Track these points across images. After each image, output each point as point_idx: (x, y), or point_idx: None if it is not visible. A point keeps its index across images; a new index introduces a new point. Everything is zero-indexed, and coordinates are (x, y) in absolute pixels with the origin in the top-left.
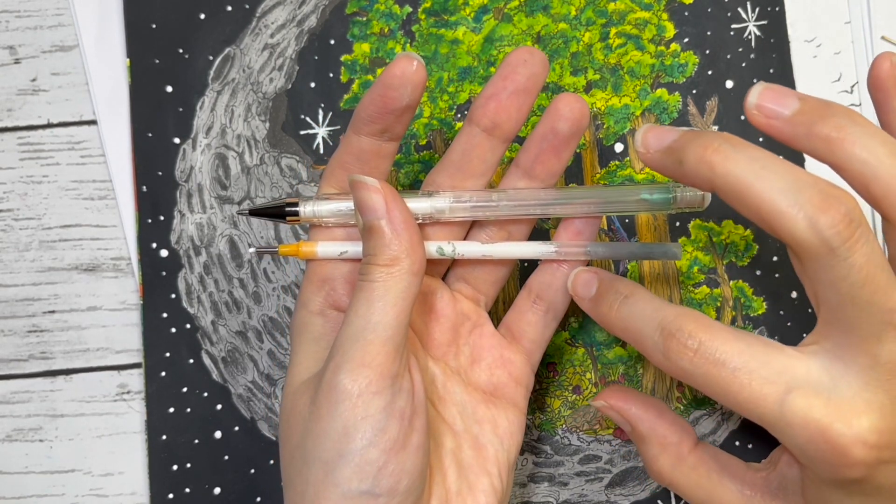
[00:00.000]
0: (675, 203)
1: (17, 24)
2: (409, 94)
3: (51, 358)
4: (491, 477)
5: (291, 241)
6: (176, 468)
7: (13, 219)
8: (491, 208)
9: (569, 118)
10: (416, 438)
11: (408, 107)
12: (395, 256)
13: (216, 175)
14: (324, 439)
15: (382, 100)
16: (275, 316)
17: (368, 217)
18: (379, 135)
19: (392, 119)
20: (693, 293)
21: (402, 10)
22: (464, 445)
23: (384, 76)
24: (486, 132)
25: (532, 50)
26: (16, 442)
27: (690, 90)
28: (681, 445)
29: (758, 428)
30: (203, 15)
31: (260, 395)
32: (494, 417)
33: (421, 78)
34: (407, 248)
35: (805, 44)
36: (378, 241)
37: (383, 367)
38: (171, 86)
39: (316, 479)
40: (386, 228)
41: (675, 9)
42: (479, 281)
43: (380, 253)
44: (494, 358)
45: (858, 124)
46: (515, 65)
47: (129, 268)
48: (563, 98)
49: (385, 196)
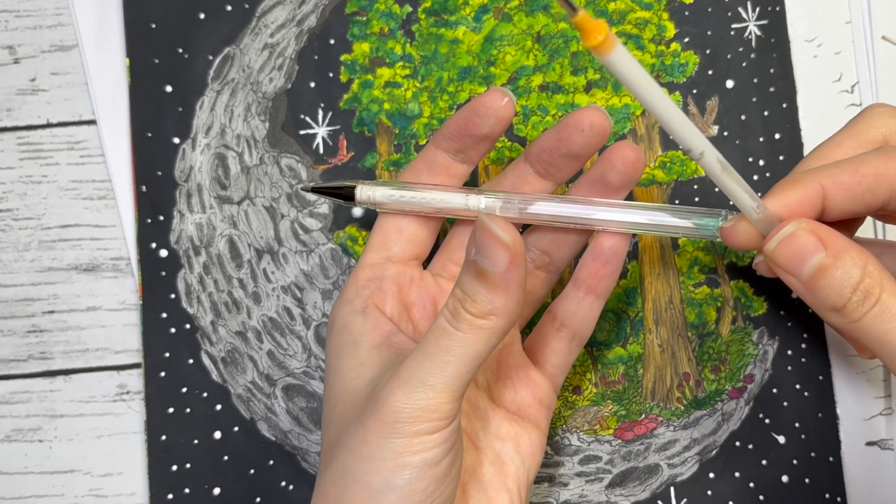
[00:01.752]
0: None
1: (16, 23)
2: (491, 125)
3: (50, 358)
4: (510, 494)
5: (291, 240)
6: (175, 468)
7: (12, 219)
8: (546, 216)
9: (622, 171)
10: (458, 464)
11: (487, 136)
12: (492, 312)
13: (216, 175)
14: (371, 463)
15: (466, 123)
16: (274, 316)
17: (485, 263)
18: (454, 153)
19: (469, 142)
20: (693, 293)
21: (402, 9)
22: (485, 461)
23: (474, 102)
24: (539, 175)
25: (596, 114)
26: (15, 442)
27: (691, 90)
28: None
29: (758, 429)
30: (203, 14)
31: (259, 395)
32: (517, 436)
33: (507, 114)
34: (510, 310)
35: (805, 43)
36: (483, 289)
37: (445, 411)
38: (171, 85)
39: (355, 498)
40: (499, 282)
41: (675, 8)
42: None
43: (478, 301)
44: (521, 378)
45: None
46: (573, 131)
47: (129, 268)
48: (619, 147)
49: (513, 253)
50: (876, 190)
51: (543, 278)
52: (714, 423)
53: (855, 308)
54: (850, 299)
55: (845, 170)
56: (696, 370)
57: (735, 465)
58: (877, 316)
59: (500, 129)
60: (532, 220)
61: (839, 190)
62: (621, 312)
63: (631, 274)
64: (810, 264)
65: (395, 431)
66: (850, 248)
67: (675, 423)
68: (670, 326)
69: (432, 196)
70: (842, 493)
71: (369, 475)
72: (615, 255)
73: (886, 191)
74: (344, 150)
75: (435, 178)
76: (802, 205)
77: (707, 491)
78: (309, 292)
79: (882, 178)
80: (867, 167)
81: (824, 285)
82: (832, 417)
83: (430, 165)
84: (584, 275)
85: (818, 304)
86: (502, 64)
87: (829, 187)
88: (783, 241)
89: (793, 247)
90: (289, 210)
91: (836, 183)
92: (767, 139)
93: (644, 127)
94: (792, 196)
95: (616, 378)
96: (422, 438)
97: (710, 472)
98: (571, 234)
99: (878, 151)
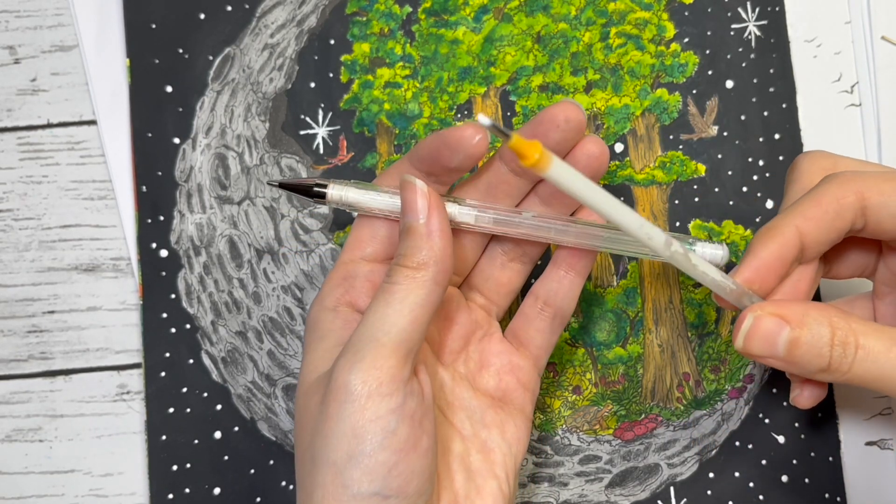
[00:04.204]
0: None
1: (16, 24)
2: (461, 160)
3: (50, 358)
4: (499, 480)
5: (291, 240)
6: (176, 468)
7: (13, 219)
8: (514, 224)
9: (586, 166)
10: (425, 441)
11: (456, 169)
12: (423, 261)
13: (216, 175)
14: (332, 440)
15: (435, 152)
16: (274, 316)
17: (408, 217)
18: (425, 175)
19: (439, 170)
20: (693, 293)
21: (402, 9)
22: (472, 450)
23: (446, 132)
24: (515, 174)
25: (571, 108)
26: (15, 442)
27: (690, 90)
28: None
29: (757, 428)
30: (203, 15)
31: (260, 395)
32: (502, 422)
33: (479, 151)
34: (437, 256)
35: (805, 44)
36: (412, 241)
37: (394, 370)
38: (171, 86)
39: (325, 480)
40: (422, 230)
41: (675, 9)
42: (492, 292)
43: (410, 254)
44: (503, 364)
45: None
46: (548, 127)
47: (129, 268)
48: (582, 142)
49: (430, 201)
50: (843, 213)
51: (518, 269)
52: (714, 422)
53: (840, 362)
54: (831, 356)
55: (809, 205)
56: (696, 370)
57: (735, 465)
58: (863, 361)
59: (471, 164)
60: (506, 234)
61: (812, 225)
62: (621, 312)
63: (631, 274)
64: (780, 343)
65: (349, 399)
66: (810, 310)
67: (675, 423)
68: (670, 326)
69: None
70: (841, 493)
71: (333, 452)
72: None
73: (850, 212)
74: (344, 150)
75: None
76: (784, 249)
77: (707, 491)
78: (309, 292)
79: (843, 202)
80: (826, 196)
81: (802, 354)
82: (832, 417)
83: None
84: (564, 254)
85: (807, 373)
86: (502, 64)
87: (802, 225)
88: (747, 334)
89: (758, 335)
90: (289, 210)
91: (807, 219)
92: (767, 139)
93: (644, 127)
94: (771, 247)
95: (616, 378)
96: (375, 404)
97: (710, 471)
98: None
99: (827, 181)
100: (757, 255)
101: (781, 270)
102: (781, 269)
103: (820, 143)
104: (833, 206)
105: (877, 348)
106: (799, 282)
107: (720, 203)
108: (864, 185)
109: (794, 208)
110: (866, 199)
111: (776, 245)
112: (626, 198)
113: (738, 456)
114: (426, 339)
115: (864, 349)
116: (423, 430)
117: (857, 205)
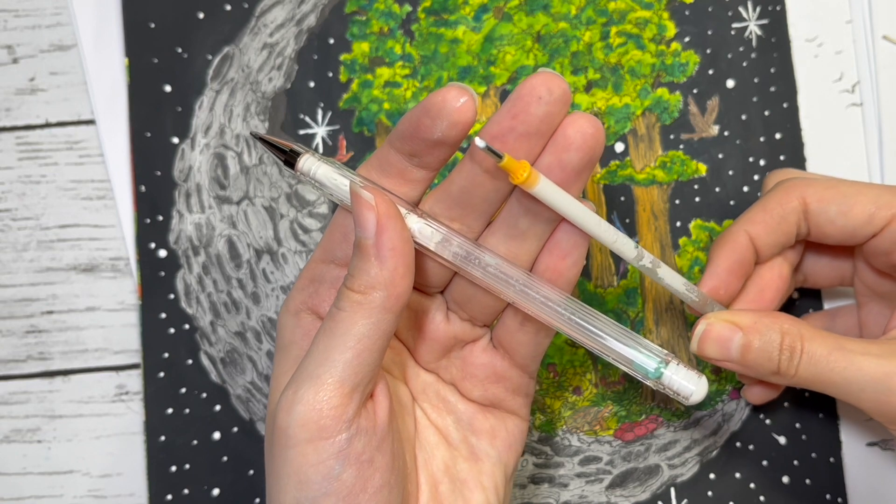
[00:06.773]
0: (657, 381)
1: (15, 23)
2: (444, 129)
3: (49, 358)
4: (486, 492)
5: (291, 240)
6: (174, 469)
7: (11, 219)
8: (473, 266)
9: (581, 147)
10: (377, 478)
11: (440, 142)
12: (370, 285)
13: (215, 175)
14: (281, 482)
15: (415, 124)
16: (274, 316)
17: (357, 232)
18: (408, 157)
19: (422, 146)
20: None
21: (402, 8)
22: (458, 458)
23: (426, 100)
24: (489, 174)
25: (552, 79)
26: (14, 443)
27: (691, 89)
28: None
29: (758, 429)
30: (202, 14)
31: (259, 395)
32: (493, 428)
33: (464, 118)
34: (386, 279)
35: (806, 43)
36: (359, 261)
37: (337, 410)
38: (170, 85)
39: None
40: (370, 250)
41: (675, 8)
42: (475, 310)
43: (357, 275)
44: (487, 375)
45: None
46: (528, 100)
47: (128, 268)
48: (573, 119)
49: (379, 215)
50: (787, 217)
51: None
52: (714, 423)
53: (787, 366)
54: (780, 360)
55: (757, 210)
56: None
57: (736, 466)
58: (807, 364)
59: (457, 134)
60: (461, 272)
61: (759, 229)
62: (621, 312)
63: (631, 274)
64: (734, 347)
65: (289, 445)
66: (761, 317)
67: (676, 424)
68: (670, 326)
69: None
70: (843, 494)
71: (282, 495)
72: (575, 247)
73: (794, 215)
74: (343, 149)
75: (388, 179)
76: (737, 253)
77: (707, 492)
78: None
79: (787, 206)
80: (772, 202)
81: (754, 358)
82: (833, 418)
83: (383, 164)
84: (542, 269)
85: (760, 376)
86: (502, 63)
87: (752, 229)
88: (700, 338)
89: (712, 339)
90: (288, 210)
91: (755, 224)
92: (768, 139)
93: (644, 126)
94: (727, 254)
95: (616, 378)
96: (316, 449)
97: (711, 472)
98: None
99: (775, 188)
100: (716, 264)
101: (741, 273)
102: (741, 271)
103: (821, 142)
104: (778, 210)
105: (819, 353)
106: (763, 290)
107: (721, 203)
108: (807, 192)
109: (745, 214)
110: (807, 204)
111: (730, 251)
112: (626, 197)
113: (739, 457)
114: (402, 342)
115: (808, 354)
116: (373, 468)
117: (800, 209)
